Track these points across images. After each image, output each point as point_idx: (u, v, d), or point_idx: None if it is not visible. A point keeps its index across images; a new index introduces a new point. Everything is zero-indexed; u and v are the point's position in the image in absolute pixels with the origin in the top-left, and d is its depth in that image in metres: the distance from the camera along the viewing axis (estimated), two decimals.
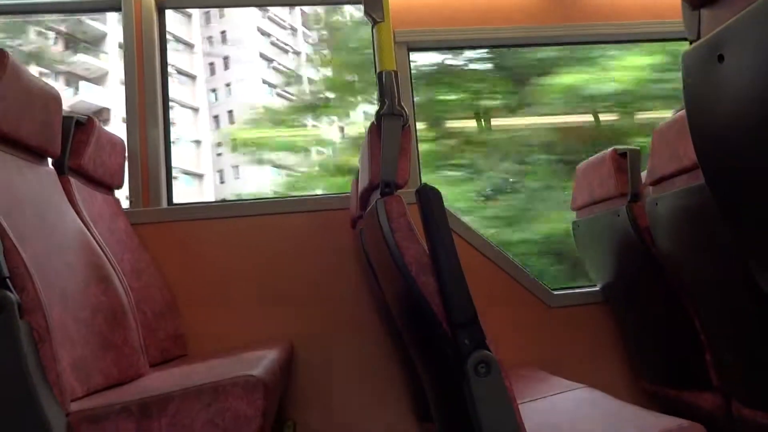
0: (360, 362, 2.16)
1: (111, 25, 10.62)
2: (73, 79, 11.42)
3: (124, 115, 2.24)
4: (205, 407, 1.05)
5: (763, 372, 1.40)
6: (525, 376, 1.88)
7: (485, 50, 2.89)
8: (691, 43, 0.94)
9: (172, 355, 1.94)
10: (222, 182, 10.26)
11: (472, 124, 3.12)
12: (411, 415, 2.15)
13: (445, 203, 1.08)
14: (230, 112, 11.90)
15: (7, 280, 1.03)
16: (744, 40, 0.78)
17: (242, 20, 11.72)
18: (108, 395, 1.22)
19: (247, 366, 1.23)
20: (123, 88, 2.27)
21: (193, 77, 12.14)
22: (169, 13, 2.43)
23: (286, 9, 10.85)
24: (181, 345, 2.01)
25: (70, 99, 10.93)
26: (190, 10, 11.18)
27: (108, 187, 2.02)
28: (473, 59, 2.94)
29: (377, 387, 2.15)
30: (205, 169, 10.68)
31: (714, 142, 0.91)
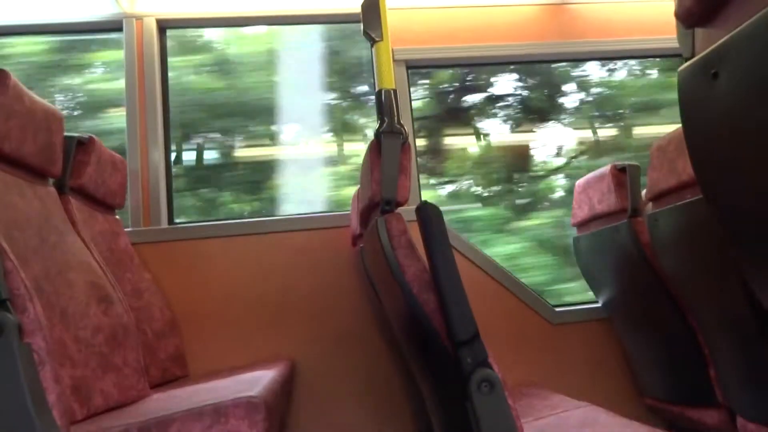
0: (361, 379, 2.14)
1: None
2: None
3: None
4: (206, 429, 1.05)
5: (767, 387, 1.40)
6: (528, 394, 1.87)
7: None
8: (685, 61, 0.95)
9: (173, 376, 1.93)
10: None
11: None
12: (414, 431, 2.13)
13: None
14: None
15: (8, 302, 1.03)
16: (738, 57, 0.79)
17: None
18: (108, 418, 1.21)
19: (248, 386, 1.22)
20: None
21: None
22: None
23: None
24: (182, 365, 2.00)
25: None
26: None
27: (109, 206, 2.02)
28: None
29: (379, 404, 2.14)
30: None
31: (710, 157, 0.92)
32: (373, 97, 2.70)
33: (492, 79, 2.92)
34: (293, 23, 2.62)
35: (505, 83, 2.94)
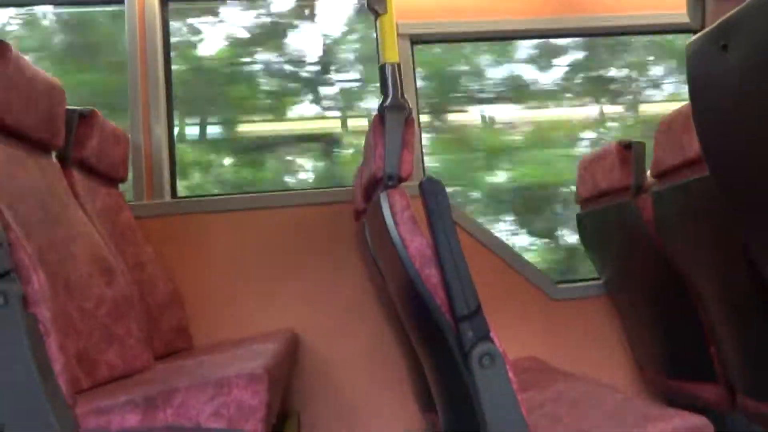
0: (364, 353, 2.16)
1: None
2: None
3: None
4: (209, 399, 1.06)
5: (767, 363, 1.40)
6: (528, 369, 1.88)
7: None
8: (694, 33, 0.94)
9: (177, 348, 1.95)
10: None
11: None
12: (415, 405, 2.15)
13: None
14: None
15: (12, 272, 1.03)
16: (749, 29, 0.77)
17: None
18: (113, 388, 1.23)
19: (251, 358, 1.24)
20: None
21: None
22: None
23: None
24: (186, 338, 2.02)
25: None
26: None
27: (111, 179, 2.02)
28: None
29: (381, 378, 2.16)
30: None
31: (717, 130, 0.91)
32: None
33: None
34: None
35: None
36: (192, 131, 2.61)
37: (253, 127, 2.65)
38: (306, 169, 2.67)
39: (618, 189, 1.89)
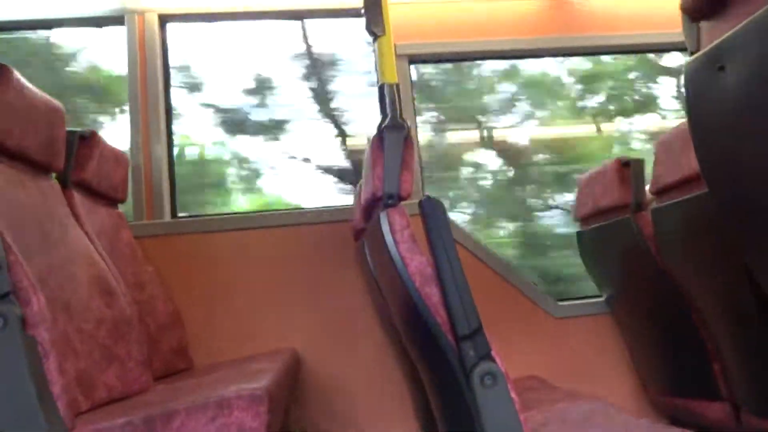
0: (365, 372, 2.15)
1: None
2: None
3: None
4: (209, 421, 1.05)
5: None
6: (531, 388, 1.87)
7: None
8: (691, 54, 0.95)
9: (176, 368, 1.94)
10: None
11: None
12: (416, 424, 2.13)
13: None
14: None
15: (11, 294, 1.03)
16: (745, 50, 0.78)
17: None
18: (112, 409, 1.22)
19: (251, 378, 1.23)
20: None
21: None
22: None
23: None
24: (185, 358, 2.01)
25: None
26: None
27: (111, 200, 2.02)
28: None
29: (382, 397, 2.14)
30: None
31: (716, 150, 0.91)
32: None
33: None
34: (295, 18, 2.62)
35: None
36: None
37: None
38: None
39: (617, 206, 1.89)
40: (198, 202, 2.57)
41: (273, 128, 2.72)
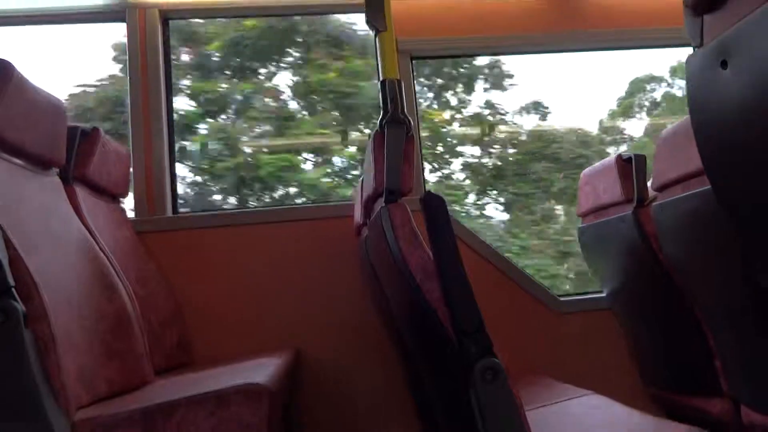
0: (366, 368, 2.15)
1: None
2: None
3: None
4: (209, 415, 1.05)
5: None
6: (532, 383, 1.87)
7: None
8: (694, 50, 0.94)
9: (177, 363, 1.94)
10: None
11: None
12: (417, 420, 2.14)
13: None
14: None
15: (13, 289, 1.03)
16: (748, 45, 0.78)
17: None
18: (113, 403, 1.22)
19: (251, 374, 1.23)
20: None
21: None
22: None
23: None
24: (186, 353, 2.01)
25: None
26: None
27: (113, 196, 2.02)
28: None
29: (383, 393, 2.15)
30: None
31: (718, 146, 0.91)
32: None
33: None
34: (296, 14, 2.61)
35: None
36: None
37: None
38: None
39: (619, 202, 1.88)
40: None
41: None
